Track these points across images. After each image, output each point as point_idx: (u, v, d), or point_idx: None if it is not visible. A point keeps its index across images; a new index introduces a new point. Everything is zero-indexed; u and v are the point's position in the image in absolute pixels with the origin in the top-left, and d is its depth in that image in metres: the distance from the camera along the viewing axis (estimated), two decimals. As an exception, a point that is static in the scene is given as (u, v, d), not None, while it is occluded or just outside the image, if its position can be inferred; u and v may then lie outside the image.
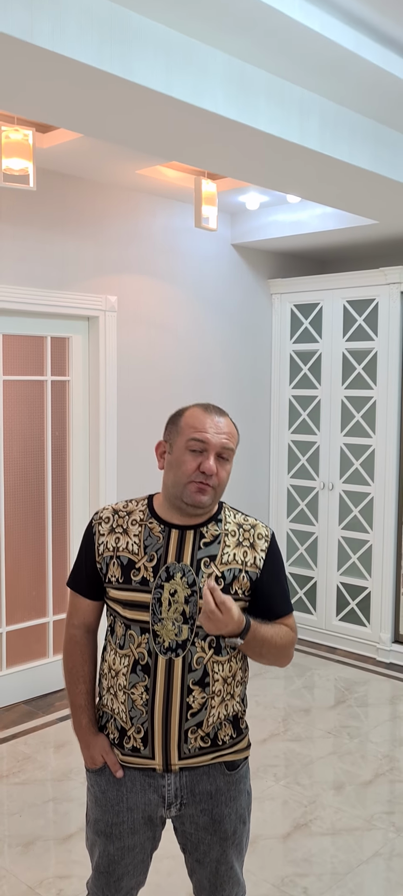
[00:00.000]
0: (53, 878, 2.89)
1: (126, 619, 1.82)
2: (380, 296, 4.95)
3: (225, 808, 1.87)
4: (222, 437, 1.81)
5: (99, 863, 1.91)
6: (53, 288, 4.26)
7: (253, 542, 1.86)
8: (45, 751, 3.85)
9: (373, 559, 5.10)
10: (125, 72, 2.43)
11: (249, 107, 2.84)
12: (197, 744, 1.81)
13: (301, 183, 3.65)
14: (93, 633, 1.96)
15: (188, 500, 1.79)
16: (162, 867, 2.91)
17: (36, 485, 4.44)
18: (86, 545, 1.90)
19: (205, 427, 1.80)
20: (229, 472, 1.84)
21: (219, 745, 1.84)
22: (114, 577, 1.83)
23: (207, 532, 1.83)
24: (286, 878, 2.90)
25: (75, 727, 1.93)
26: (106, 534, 1.86)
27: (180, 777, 1.83)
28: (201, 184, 4.14)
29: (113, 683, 1.85)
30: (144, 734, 1.81)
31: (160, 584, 1.78)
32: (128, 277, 4.63)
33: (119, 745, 1.85)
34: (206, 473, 1.78)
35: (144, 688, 1.79)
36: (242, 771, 1.91)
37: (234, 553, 1.83)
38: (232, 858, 1.91)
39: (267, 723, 4.17)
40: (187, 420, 1.83)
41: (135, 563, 1.81)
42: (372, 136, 3.40)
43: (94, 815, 1.91)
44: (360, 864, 2.98)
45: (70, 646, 1.94)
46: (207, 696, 1.80)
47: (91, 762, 1.90)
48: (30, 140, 3.41)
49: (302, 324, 5.42)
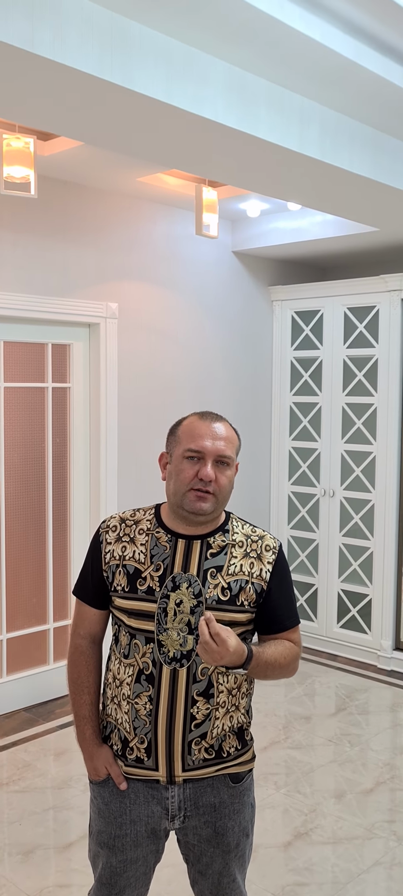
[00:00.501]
0: (53, 886, 2.88)
1: (131, 628, 1.81)
2: (381, 303, 4.96)
3: (229, 820, 1.86)
4: (219, 444, 1.80)
5: (101, 874, 1.90)
6: (54, 295, 4.27)
7: (260, 553, 1.85)
8: (46, 758, 3.84)
9: (374, 566, 5.10)
10: (125, 80, 2.44)
11: (249, 115, 2.85)
12: (201, 755, 1.80)
13: (301, 191, 3.66)
14: (98, 644, 1.95)
15: (188, 507, 1.79)
16: (162, 876, 2.90)
17: (36, 492, 4.44)
18: (92, 554, 1.90)
19: (202, 435, 1.80)
20: (230, 478, 1.83)
21: (224, 757, 1.84)
22: (120, 585, 1.82)
23: (214, 542, 1.83)
24: (287, 886, 2.88)
25: (79, 738, 1.92)
26: (112, 542, 1.86)
27: (184, 789, 1.83)
28: (202, 191, 4.15)
29: (117, 693, 1.85)
30: (148, 745, 1.80)
31: (166, 593, 1.78)
32: (128, 284, 4.64)
33: (122, 756, 1.84)
34: (204, 480, 1.77)
35: (148, 698, 1.78)
36: (246, 783, 1.90)
37: (241, 564, 1.82)
38: (234, 871, 1.90)
39: (267, 730, 4.16)
40: (184, 430, 1.84)
41: (142, 572, 1.81)
42: (372, 144, 3.41)
43: (97, 826, 1.90)
44: (361, 872, 2.97)
45: (75, 656, 1.93)
46: (212, 707, 1.79)
47: (94, 774, 1.89)
48: (31, 148, 3.42)
49: (302, 331, 5.43)
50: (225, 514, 1.89)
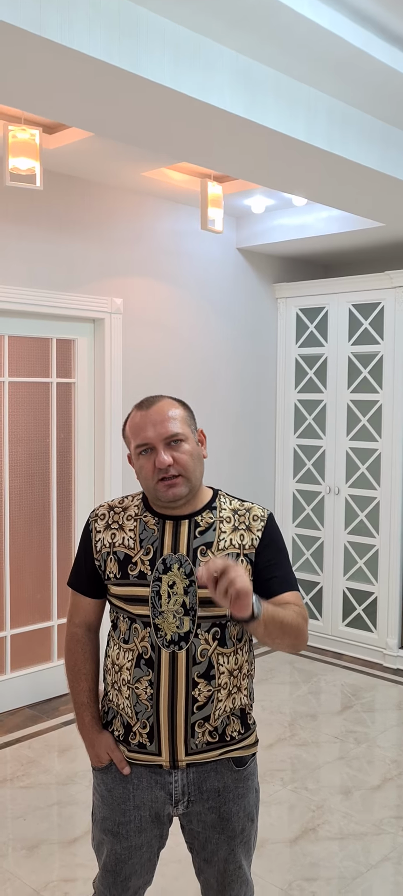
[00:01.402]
0: (58, 881, 2.85)
1: (130, 613, 1.80)
2: (386, 299, 4.94)
3: (233, 805, 1.84)
4: (161, 427, 1.77)
5: (106, 862, 1.88)
6: (59, 289, 4.26)
7: (249, 524, 1.82)
8: (50, 755, 3.81)
9: (380, 564, 5.07)
10: (132, 66, 2.42)
11: (256, 104, 2.84)
12: (204, 738, 1.78)
13: (307, 183, 3.64)
14: (94, 632, 1.94)
15: (163, 498, 1.78)
16: (168, 871, 2.88)
17: (41, 487, 4.42)
18: (84, 544, 1.89)
19: (143, 426, 1.78)
20: (190, 451, 1.78)
21: (227, 741, 1.81)
22: (112, 573, 1.81)
23: (202, 520, 1.81)
24: (294, 882, 2.85)
25: (79, 726, 1.91)
26: (102, 530, 1.85)
27: (187, 773, 1.81)
28: (207, 186, 4.14)
29: (117, 679, 1.83)
30: (150, 729, 1.78)
31: (158, 576, 1.76)
32: (133, 280, 4.62)
33: (125, 742, 1.82)
34: (162, 469, 1.75)
35: (148, 682, 1.77)
36: (250, 767, 1.88)
37: (231, 538, 1.80)
38: (240, 857, 1.88)
39: (273, 727, 4.13)
40: (129, 428, 1.83)
41: (132, 557, 1.79)
42: (380, 137, 3.39)
43: (101, 813, 1.88)
44: (369, 868, 2.94)
45: (71, 644, 1.92)
46: (213, 688, 1.77)
47: (96, 760, 1.87)
48: (37, 140, 3.41)
49: (307, 328, 5.41)
50: (212, 492, 1.87)
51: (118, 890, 1.88)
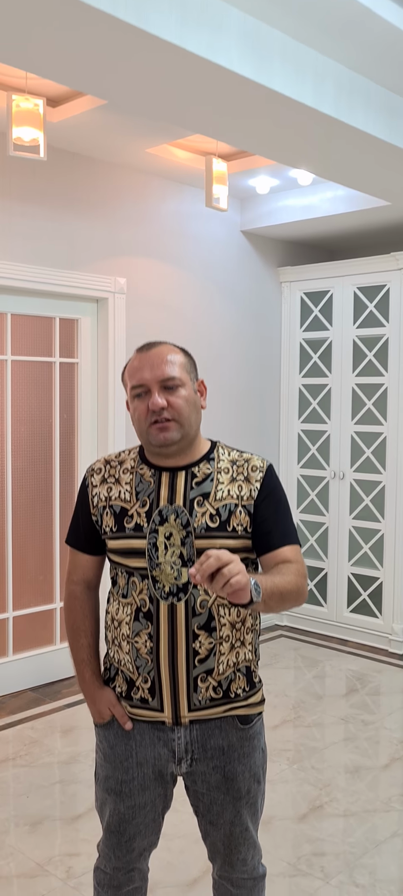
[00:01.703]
0: (62, 855, 2.80)
1: (127, 567, 1.76)
2: (392, 281, 4.90)
3: (238, 764, 1.79)
4: (158, 370, 1.72)
5: (109, 822, 1.84)
6: (62, 268, 4.22)
7: (247, 475, 1.77)
8: (52, 735, 3.76)
9: (385, 549, 5.02)
10: (139, 21, 2.38)
11: (264, 66, 2.80)
12: (208, 694, 1.73)
13: (313, 156, 3.60)
14: (93, 590, 1.90)
15: (154, 442, 1.73)
16: (173, 846, 2.83)
17: (44, 468, 4.38)
18: (81, 500, 1.86)
19: (140, 367, 1.74)
20: (187, 398, 1.74)
21: (232, 698, 1.76)
22: (109, 526, 1.78)
23: (199, 471, 1.76)
24: (302, 857, 2.80)
25: (80, 682, 1.87)
26: (98, 484, 1.81)
27: (190, 731, 1.76)
28: (212, 162, 4.10)
29: (117, 634, 1.79)
30: (151, 683, 1.74)
31: (154, 528, 1.72)
32: (137, 260, 4.58)
33: (127, 698, 1.78)
34: (155, 411, 1.71)
35: (148, 635, 1.73)
36: (256, 727, 1.83)
37: (229, 489, 1.75)
38: (246, 819, 1.83)
39: (278, 710, 4.08)
40: (128, 370, 1.79)
41: (128, 510, 1.76)
42: (387, 107, 3.35)
43: (104, 772, 1.84)
44: (378, 844, 2.89)
45: (70, 601, 1.89)
46: (215, 641, 1.72)
47: (98, 716, 1.83)
48: (40, 109, 3.38)
49: (311, 312, 5.37)
50: (211, 443, 1.83)
51: (122, 851, 1.84)
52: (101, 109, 3.62)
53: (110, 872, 1.87)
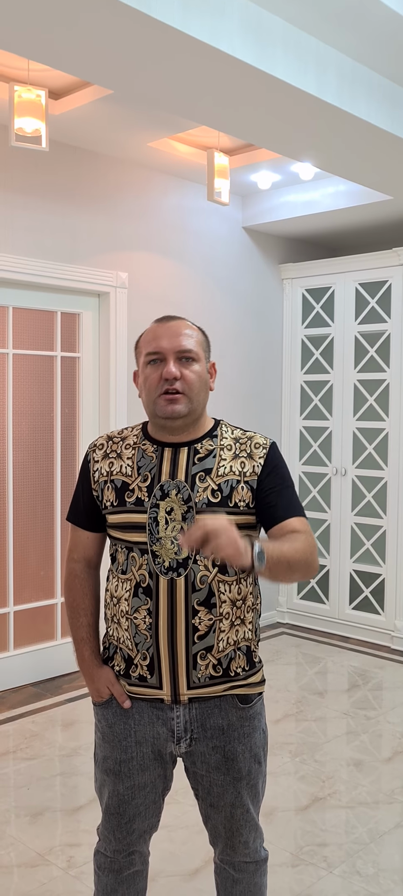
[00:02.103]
0: (63, 845, 2.78)
1: (127, 542, 1.74)
2: (393, 277, 4.89)
3: (238, 744, 1.77)
4: (176, 340, 1.73)
5: (109, 804, 1.82)
6: (64, 261, 4.22)
7: (250, 452, 1.77)
8: (53, 729, 3.74)
9: (387, 545, 5.00)
10: (141, 5, 2.38)
11: (266, 54, 2.80)
12: (207, 672, 1.72)
13: (316, 147, 3.59)
14: (94, 568, 1.89)
15: (161, 413, 1.73)
16: (176, 836, 2.81)
17: (45, 462, 4.37)
18: (82, 476, 1.85)
19: (159, 336, 1.74)
20: (199, 373, 1.75)
21: (231, 676, 1.74)
22: (109, 501, 1.76)
23: (202, 447, 1.76)
24: (305, 847, 2.78)
25: (78, 661, 1.86)
26: (100, 460, 1.81)
27: (190, 709, 1.74)
28: (213, 156, 4.10)
29: (116, 611, 1.77)
30: (150, 660, 1.72)
31: (155, 503, 1.71)
32: (139, 254, 4.58)
33: (126, 676, 1.77)
34: (168, 379, 1.71)
35: (147, 611, 1.71)
36: (256, 706, 1.81)
37: (231, 465, 1.74)
38: (247, 801, 1.80)
39: (280, 704, 4.06)
40: (144, 338, 1.79)
41: (129, 484, 1.75)
42: (389, 97, 3.36)
43: (103, 752, 1.82)
44: (382, 834, 2.87)
45: (70, 580, 1.88)
46: (214, 617, 1.70)
47: (97, 695, 1.82)
48: (42, 100, 3.38)
49: (313, 308, 5.36)
50: (214, 421, 1.82)
51: (123, 833, 1.82)
52: (103, 101, 3.62)
53: (110, 855, 1.86)
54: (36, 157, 4.06)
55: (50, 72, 3.44)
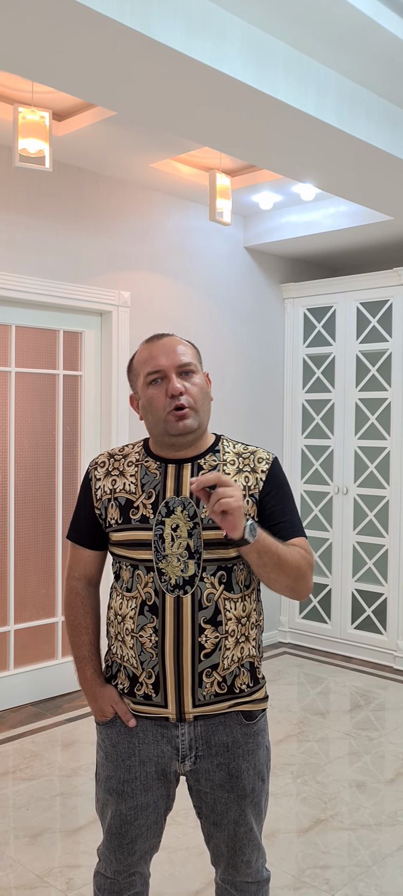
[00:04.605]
0: (62, 867, 2.75)
1: (132, 559, 1.74)
2: (394, 296, 4.91)
3: (243, 762, 1.76)
4: (174, 355, 1.74)
5: (111, 824, 1.80)
6: (67, 281, 4.24)
7: (253, 466, 1.77)
8: (53, 749, 3.72)
9: (389, 564, 4.99)
10: (145, 28, 2.41)
11: (267, 76, 2.83)
12: (212, 689, 1.71)
13: (317, 168, 3.62)
14: (95, 586, 1.88)
15: (173, 431, 1.72)
16: (176, 858, 2.79)
17: (46, 480, 4.37)
18: (84, 494, 1.84)
19: (155, 355, 1.75)
20: (200, 385, 1.76)
21: (236, 693, 1.74)
22: (114, 519, 1.76)
23: (205, 463, 1.76)
24: (307, 869, 2.75)
25: (80, 680, 1.84)
26: (102, 478, 1.80)
27: (195, 727, 1.73)
28: (215, 176, 4.13)
29: (120, 629, 1.76)
30: (156, 679, 1.71)
31: (161, 520, 1.70)
32: (141, 274, 4.61)
33: (130, 694, 1.75)
34: (174, 395, 1.71)
35: (153, 629, 1.70)
36: (260, 723, 1.80)
37: (235, 479, 1.74)
38: (251, 820, 1.79)
39: (282, 725, 4.03)
40: (138, 361, 1.79)
41: (134, 502, 1.74)
42: (389, 118, 3.39)
43: (105, 771, 1.80)
44: (384, 857, 2.84)
45: (71, 598, 1.86)
46: (220, 635, 1.70)
47: (100, 714, 1.80)
48: (46, 122, 3.41)
49: (314, 327, 5.38)
50: (215, 436, 1.83)
51: (124, 854, 1.80)
52: (106, 123, 3.65)
53: (111, 877, 1.83)
54: (39, 178, 4.10)
55: (54, 94, 3.48)
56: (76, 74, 2.68)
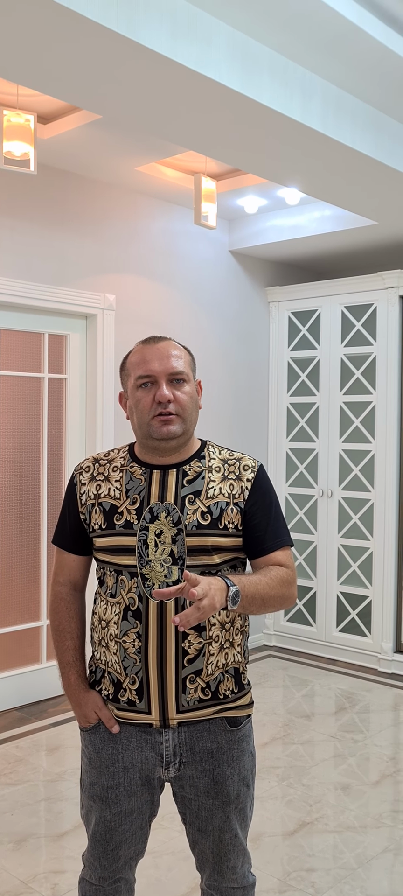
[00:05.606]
0: (47, 873, 2.74)
1: (116, 565, 1.73)
2: (379, 300, 4.94)
3: (227, 768, 1.76)
4: (167, 362, 1.74)
5: (95, 830, 1.79)
6: (52, 284, 4.22)
7: (239, 474, 1.77)
8: (38, 753, 3.70)
9: (374, 567, 5.01)
10: (130, 32, 2.41)
11: (252, 81, 2.84)
12: (196, 695, 1.71)
13: (301, 172, 3.64)
14: (80, 591, 1.88)
15: (156, 435, 1.72)
16: (162, 863, 2.78)
17: (31, 484, 4.35)
18: (68, 498, 1.83)
19: (148, 359, 1.74)
20: (190, 394, 1.76)
21: (220, 699, 1.74)
22: (98, 524, 1.75)
23: (190, 469, 1.75)
24: (293, 872, 2.76)
25: (64, 686, 1.83)
26: (87, 482, 1.80)
27: (179, 733, 1.73)
28: (201, 181, 4.14)
29: (104, 635, 1.76)
30: (139, 685, 1.70)
31: (145, 525, 1.70)
32: (126, 277, 4.60)
33: (114, 700, 1.75)
34: (162, 402, 1.71)
35: (136, 634, 1.70)
36: (245, 729, 1.80)
37: (220, 487, 1.74)
38: (235, 825, 1.79)
39: (267, 728, 4.04)
40: (131, 360, 1.78)
41: (118, 507, 1.74)
42: (374, 124, 3.41)
43: (89, 778, 1.80)
44: (370, 860, 2.85)
45: (56, 603, 1.86)
46: (204, 641, 1.70)
47: (84, 720, 1.79)
48: (31, 125, 3.40)
49: (299, 331, 5.40)
50: (201, 442, 1.82)
51: (108, 860, 1.79)
52: (91, 126, 3.64)
53: (96, 883, 1.83)
54: (24, 181, 4.08)
55: (39, 97, 3.47)
56: (61, 78, 2.68)
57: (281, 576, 1.72)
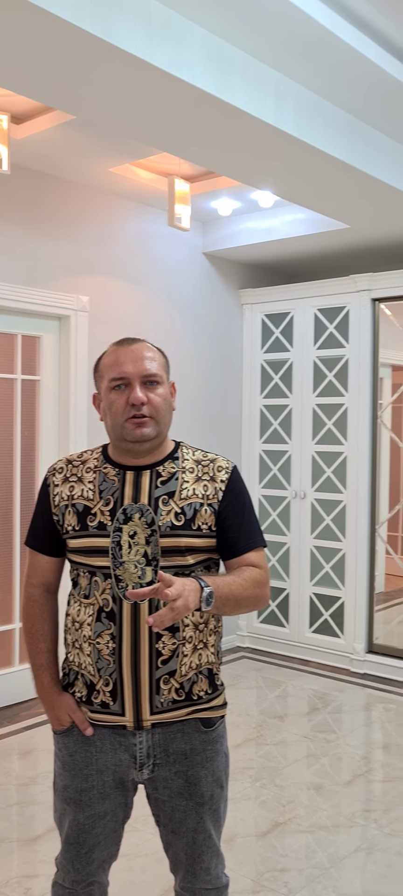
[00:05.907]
0: (19, 877, 2.71)
1: (89, 566, 1.73)
2: (351, 303, 4.99)
3: (201, 769, 1.76)
4: (141, 364, 1.74)
5: (68, 834, 1.79)
6: (25, 285, 4.19)
7: (213, 475, 1.78)
8: (10, 758, 3.66)
9: (346, 568, 5.06)
10: (104, 33, 2.41)
11: (226, 84, 2.85)
12: (170, 696, 1.71)
13: (274, 174, 3.66)
14: (52, 593, 1.87)
15: (129, 437, 1.72)
16: (135, 865, 2.77)
17: (4, 486, 4.31)
18: (41, 500, 1.83)
19: (122, 361, 1.74)
20: (164, 396, 1.76)
21: (194, 700, 1.74)
22: (71, 525, 1.75)
23: (164, 470, 1.76)
24: (266, 873, 2.77)
25: (38, 688, 1.82)
26: (60, 484, 1.79)
27: (152, 735, 1.73)
28: (174, 182, 4.14)
29: (78, 637, 1.75)
30: (113, 686, 1.70)
31: (118, 526, 1.70)
32: (100, 279, 4.58)
33: (87, 702, 1.74)
34: (136, 405, 1.71)
35: (110, 636, 1.69)
36: (219, 730, 1.81)
37: (194, 488, 1.75)
38: (209, 827, 1.79)
39: (240, 729, 4.05)
40: (105, 362, 1.78)
41: (91, 508, 1.73)
42: (347, 128, 3.44)
43: (63, 781, 1.79)
44: (342, 859, 2.87)
45: (28, 605, 1.85)
46: (178, 641, 1.70)
47: (57, 723, 1.79)
48: (4, 124, 3.38)
49: (272, 333, 5.43)
50: (174, 443, 1.83)
51: (82, 863, 1.79)
52: (65, 127, 3.63)
53: (69, 887, 1.82)
54: (-4, 180, 4.04)
55: (12, 97, 3.44)
56: (35, 78, 2.66)
57: (254, 577, 1.73)
